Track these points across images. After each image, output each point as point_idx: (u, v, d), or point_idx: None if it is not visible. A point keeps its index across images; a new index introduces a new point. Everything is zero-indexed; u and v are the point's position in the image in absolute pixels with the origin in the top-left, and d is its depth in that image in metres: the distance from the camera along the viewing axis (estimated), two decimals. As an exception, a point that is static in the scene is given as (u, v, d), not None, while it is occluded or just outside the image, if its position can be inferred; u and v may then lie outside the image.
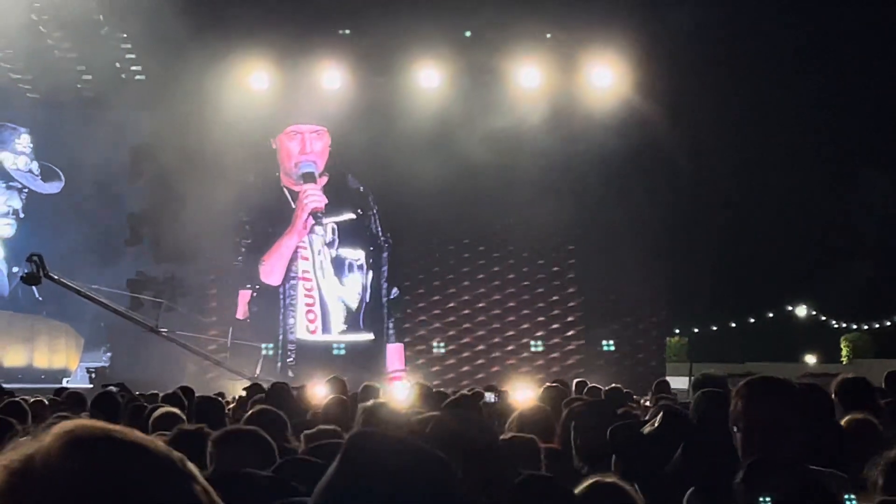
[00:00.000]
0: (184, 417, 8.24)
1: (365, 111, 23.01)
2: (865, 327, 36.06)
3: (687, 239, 26.64)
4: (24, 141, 27.20)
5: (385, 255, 24.26)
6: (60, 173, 26.95)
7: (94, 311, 22.75)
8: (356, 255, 24.11)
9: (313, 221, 23.03)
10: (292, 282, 24.66)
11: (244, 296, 23.36)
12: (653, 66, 23.70)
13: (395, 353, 23.76)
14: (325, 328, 24.34)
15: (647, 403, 12.00)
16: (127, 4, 22.94)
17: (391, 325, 24.49)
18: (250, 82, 24.25)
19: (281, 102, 23.99)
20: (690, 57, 23.18)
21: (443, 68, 23.93)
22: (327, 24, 23.07)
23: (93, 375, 24.07)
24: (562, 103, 23.92)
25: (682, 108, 23.80)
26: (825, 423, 5.14)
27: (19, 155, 27.17)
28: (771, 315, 36.27)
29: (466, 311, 25.07)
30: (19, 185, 27.22)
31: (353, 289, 24.60)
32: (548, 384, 16.26)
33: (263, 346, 23.37)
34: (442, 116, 22.97)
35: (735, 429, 3.86)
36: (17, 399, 11.07)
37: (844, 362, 33.92)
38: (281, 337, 23.31)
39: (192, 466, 1.62)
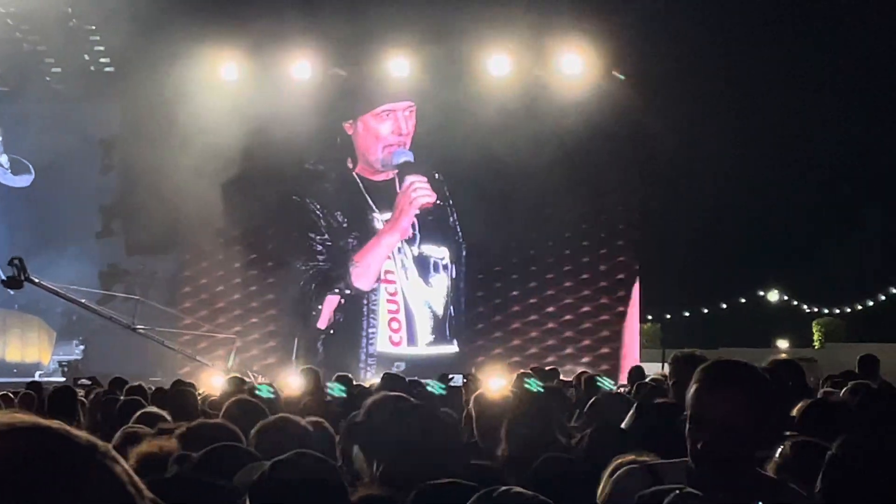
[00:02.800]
0: (159, 412, 8.21)
1: (331, 103, 22.86)
2: (837, 311, 36.16)
3: (659, 224, 26.69)
4: (-8, 134, 27.08)
5: (464, 253, 22.99)
6: (30, 166, 26.81)
7: (66, 303, 22.68)
8: (440, 252, 22.57)
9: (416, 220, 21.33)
10: (373, 285, 23.04)
11: (330, 302, 22.23)
12: (625, 51, 23.75)
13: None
14: (411, 339, 22.66)
15: (622, 390, 12.02)
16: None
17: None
18: (221, 73, 24.18)
19: (254, 94, 23.78)
20: (663, 40, 23.20)
21: (412, 57, 23.90)
22: (297, 14, 22.97)
23: (65, 369, 24.03)
24: (532, 91, 23.92)
25: (655, 93, 23.84)
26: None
27: (-12, 148, 27.05)
28: (743, 300, 36.38)
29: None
30: (-12, 179, 27.10)
31: (439, 292, 22.99)
32: (521, 371, 16.32)
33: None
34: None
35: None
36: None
37: (817, 346, 34.02)
38: (363, 350, 22.01)
39: (116, 456, 1.64)
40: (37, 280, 20.57)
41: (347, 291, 22.11)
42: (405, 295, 22.91)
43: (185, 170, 24.04)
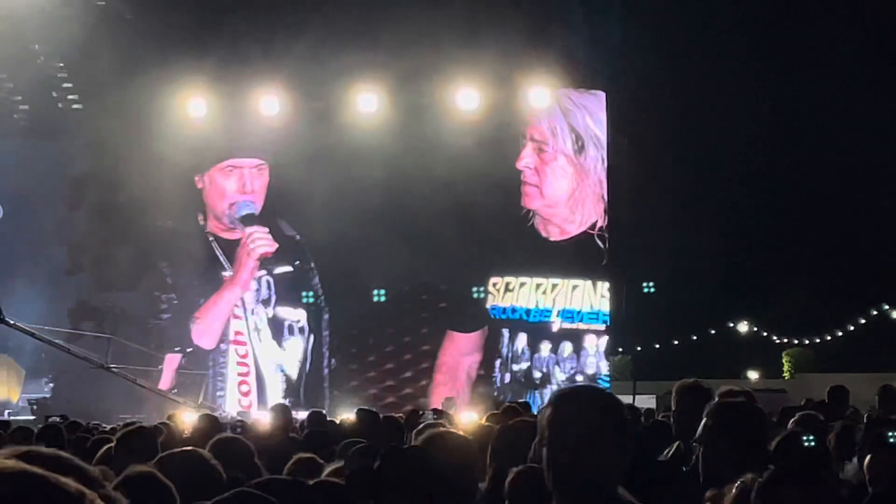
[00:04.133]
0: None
1: (301, 141, 22.81)
2: (807, 342, 36.32)
3: (627, 258, 26.75)
4: (-40, 173, 26.97)
5: (326, 316, 22.59)
6: (-1, 204, 26.73)
7: (34, 342, 22.57)
8: (296, 315, 22.36)
9: (259, 271, 20.80)
10: (222, 346, 22.44)
11: (171, 360, 21.86)
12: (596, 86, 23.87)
13: None
14: (261, 401, 21.93)
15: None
16: (62, 33, 22.84)
17: (328, 402, 21.92)
18: (188, 110, 24.18)
19: (216, 132, 23.69)
20: (628, 71, 23.34)
21: (381, 92, 23.92)
22: (265, 48, 23.01)
23: (34, 407, 23.87)
24: (501, 125, 23.98)
25: (622, 126, 23.94)
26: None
27: (-44, 187, 26.93)
28: (713, 331, 36.50)
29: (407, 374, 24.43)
30: (-44, 218, 26.96)
31: (293, 355, 22.42)
32: (506, 405, 16.26)
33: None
34: (383, 146, 22.96)
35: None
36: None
37: (786, 377, 34.15)
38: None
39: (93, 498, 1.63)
40: (12, 322, 20.53)
41: (189, 349, 21.58)
42: (256, 357, 22.26)
43: (152, 204, 24.11)
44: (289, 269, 21.02)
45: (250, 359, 22.07)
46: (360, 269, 22.55)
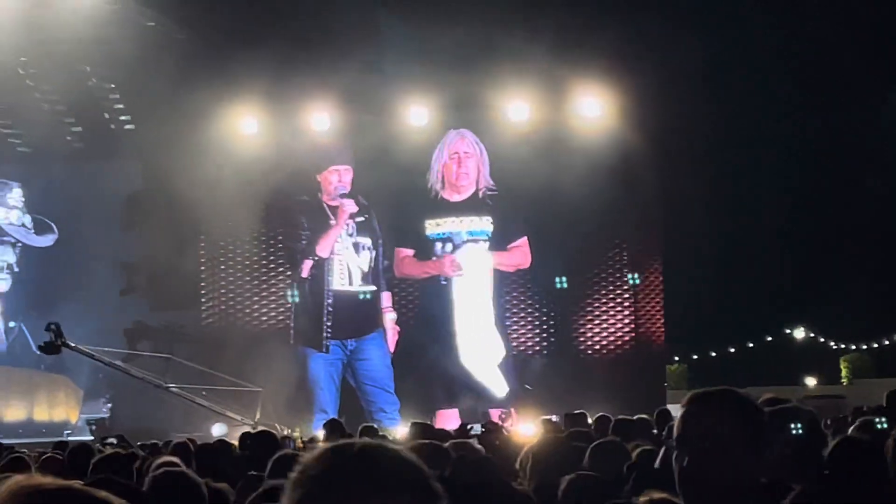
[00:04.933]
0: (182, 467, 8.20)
1: (358, 151, 22.91)
2: (864, 347, 36.04)
3: (682, 266, 26.67)
4: (15, 195, 27.17)
5: (380, 241, 23.39)
6: (53, 226, 26.94)
7: (92, 362, 22.75)
8: (365, 241, 23.33)
9: (355, 218, 22.28)
10: (331, 256, 23.92)
11: (307, 264, 22.65)
12: (645, 98, 23.77)
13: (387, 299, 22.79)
14: (350, 282, 23.60)
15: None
16: (114, 55, 23.03)
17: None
18: (240, 127, 24.27)
19: (274, 147, 23.95)
20: (684, 89, 23.27)
21: (429, 103, 23.92)
22: (315, 65, 23.08)
23: (93, 427, 24.03)
24: (551, 136, 23.94)
25: (674, 136, 23.87)
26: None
27: (11, 209, 27.13)
28: (769, 338, 36.29)
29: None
30: (12, 240, 27.18)
31: (364, 261, 23.74)
32: (544, 417, 16.14)
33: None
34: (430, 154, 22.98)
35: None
36: (19, 454, 11.02)
37: (844, 383, 33.92)
38: (327, 292, 22.12)
39: None
40: (73, 345, 20.69)
41: (315, 258, 22.39)
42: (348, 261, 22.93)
43: (205, 224, 24.29)
44: (362, 218, 21.95)
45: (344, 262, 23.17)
46: None
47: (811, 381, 33.71)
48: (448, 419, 20.15)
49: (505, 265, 22.02)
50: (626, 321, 25.27)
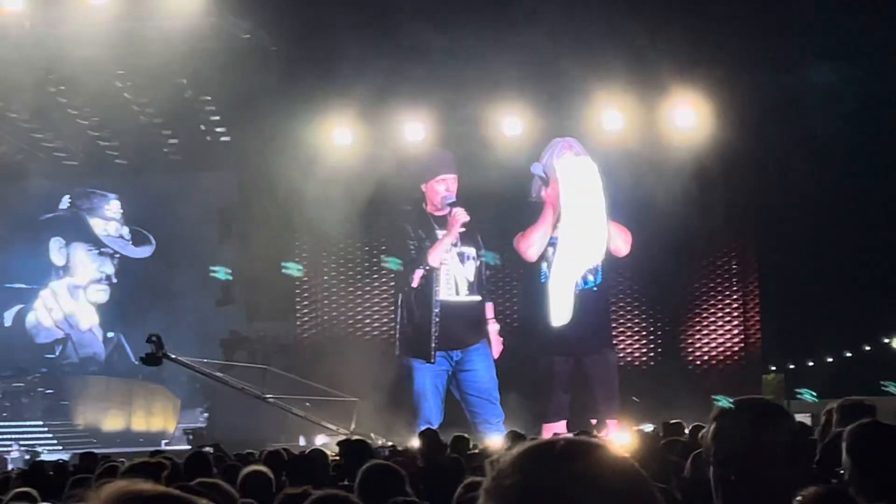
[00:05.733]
0: (271, 477, 8.30)
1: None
2: (966, 357, 35.47)
3: (778, 275, 26.42)
4: (113, 207, 27.56)
5: (482, 251, 23.30)
6: (151, 237, 27.27)
7: (189, 372, 22.95)
8: (469, 251, 23.27)
9: (462, 228, 22.33)
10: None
11: (418, 273, 22.67)
12: (743, 108, 23.60)
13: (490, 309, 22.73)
14: (457, 292, 23.52)
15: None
16: (209, 68, 23.22)
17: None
18: (334, 138, 24.34)
19: (370, 158, 23.96)
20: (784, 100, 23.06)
21: (523, 114, 23.90)
22: (406, 73, 23.12)
23: (190, 437, 24.26)
24: (645, 145, 23.81)
25: (770, 143, 23.67)
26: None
27: (109, 221, 27.52)
28: (868, 348, 35.80)
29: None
30: (111, 251, 27.54)
31: (469, 270, 23.73)
32: (636, 427, 16.01)
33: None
34: (526, 164, 22.94)
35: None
36: (114, 463, 11.13)
37: (945, 393, 33.42)
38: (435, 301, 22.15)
39: None
40: (174, 356, 20.89)
41: (427, 267, 22.35)
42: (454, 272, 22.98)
43: (301, 235, 24.48)
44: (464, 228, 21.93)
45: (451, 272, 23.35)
46: None
47: (910, 391, 33.25)
48: (555, 432, 19.99)
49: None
50: (728, 332, 25.17)
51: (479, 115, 24.02)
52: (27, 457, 20.76)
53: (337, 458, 12.46)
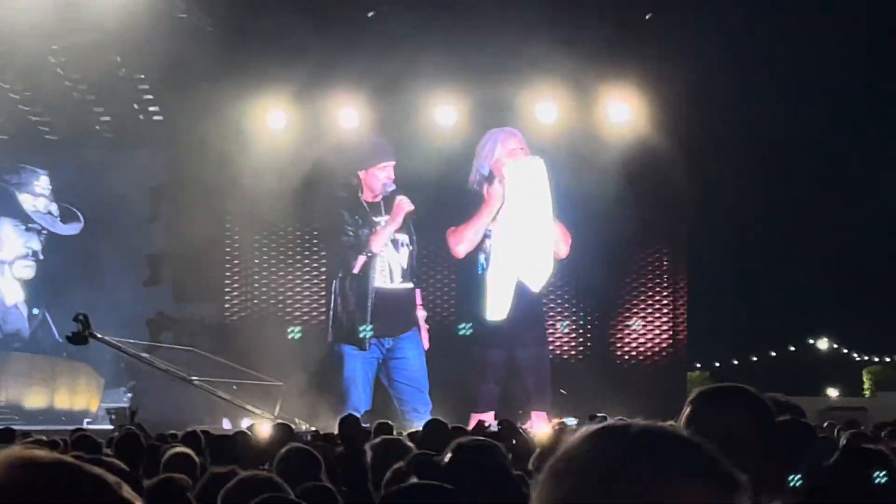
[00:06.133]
0: (196, 459, 8.35)
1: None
2: (888, 359, 35.89)
3: (705, 273, 26.63)
4: (43, 182, 27.30)
5: (414, 237, 23.23)
6: (80, 214, 27.03)
7: (113, 351, 22.81)
8: (403, 237, 23.19)
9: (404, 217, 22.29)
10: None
11: (360, 259, 22.55)
12: (674, 102, 23.73)
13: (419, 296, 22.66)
14: (391, 279, 22.86)
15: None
16: (144, 45, 23.06)
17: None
18: (268, 121, 24.28)
19: (303, 142, 23.86)
20: (712, 91, 23.18)
21: (458, 103, 23.91)
22: (342, 60, 23.09)
23: (113, 416, 24.10)
24: (578, 139, 23.90)
25: (704, 140, 23.81)
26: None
27: (38, 196, 27.26)
28: (792, 348, 36.20)
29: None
30: (38, 227, 27.29)
31: (404, 257, 23.62)
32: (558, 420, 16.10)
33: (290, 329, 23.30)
34: (460, 154, 22.95)
35: None
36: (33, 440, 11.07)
37: (867, 395, 33.78)
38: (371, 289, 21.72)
39: (129, 491, 1.75)
40: (100, 336, 20.76)
41: (368, 253, 22.26)
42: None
43: (233, 217, 24.38)
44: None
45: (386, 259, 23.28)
46: None
47: (833, 392, 33.60)
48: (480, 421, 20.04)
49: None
50: (657, 328, 25.32)
51: (413, 104, 24.02)
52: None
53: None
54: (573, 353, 25.24)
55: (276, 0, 23.34)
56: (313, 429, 18.02)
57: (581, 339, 25.37)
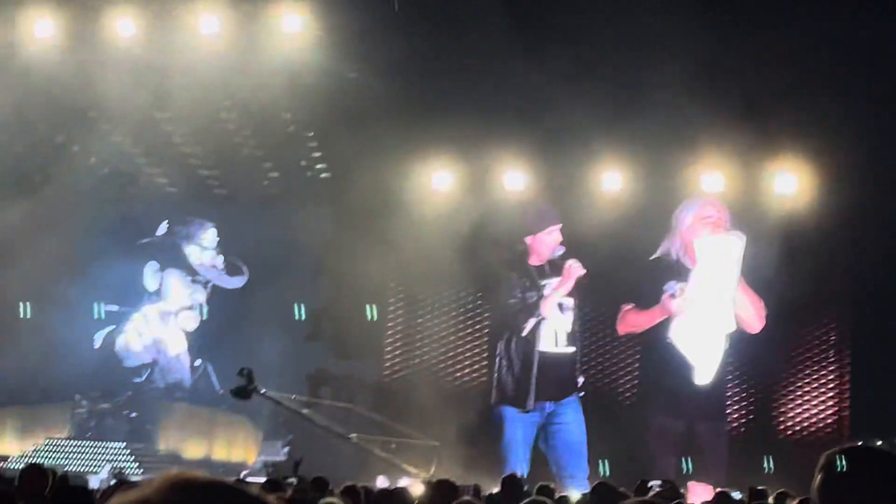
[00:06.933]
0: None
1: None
2: None
3: (871, 349, 26.12)
4: (210, 235, 27.78)
5: (579, 302, 23.11)
6: (244, 268, 27.43)
7: (271, 405, 23.06)
8: (568, 301, 23.04)
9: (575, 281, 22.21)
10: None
11: (531, 322, 22.43)
12: (844, 176, 23.37)
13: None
14: (556, 343, 21.87)
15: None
16: (314, 104, 23.41)
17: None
18: (432, 181, 24.43)
19: (470, 203, 23.94)
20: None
21: (623, 170, 23.83)
22: (510, 124, 23.13)
23: (270, 470, 24.32)
24: (744, 211, 23.59)
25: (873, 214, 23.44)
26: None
27: (205, 249, 27.74)
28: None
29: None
30: (204, 280, 27.75)
31: (568, 321, 23.54)
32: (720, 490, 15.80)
33: None
34: (623, 218, 22.83)
35: None
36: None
37: None
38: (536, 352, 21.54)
39: None
40: (264, 391, 20.96)
41: (542, 317, 22.12)
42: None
43: (395, 276, 24.52)
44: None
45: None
46: None
47: None
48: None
49: (743, 301, 21.40)
50: (821, 403, 25.00)
51: (578, 170, 23.96)
52: (113, 481, 20.84)
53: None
54: (735, 424, 24.94)
55: (447, 67, 23.50)
56: (473, 483, 17.98)
57: (743, 411, 25.10)
